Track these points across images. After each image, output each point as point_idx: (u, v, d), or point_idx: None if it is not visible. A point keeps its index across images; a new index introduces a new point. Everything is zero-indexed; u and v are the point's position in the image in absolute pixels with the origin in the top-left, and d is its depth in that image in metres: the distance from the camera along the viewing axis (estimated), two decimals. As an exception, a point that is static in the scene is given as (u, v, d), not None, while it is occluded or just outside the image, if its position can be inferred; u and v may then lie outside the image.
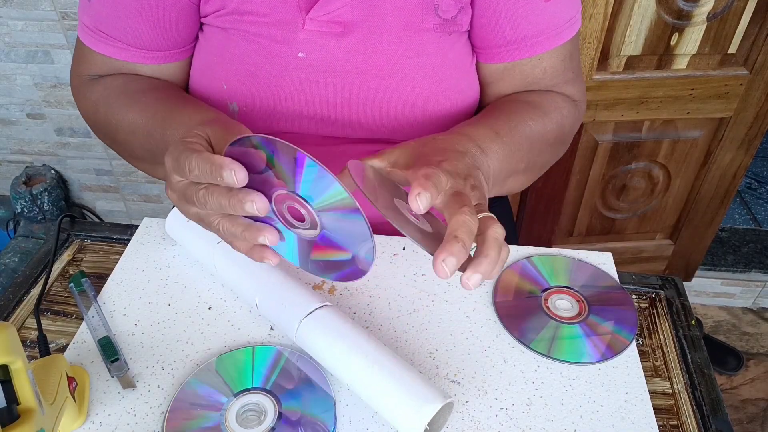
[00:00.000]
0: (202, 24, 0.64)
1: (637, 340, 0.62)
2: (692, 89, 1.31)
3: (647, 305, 0.66)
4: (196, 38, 0.66)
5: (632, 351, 0.58)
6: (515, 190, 0.66)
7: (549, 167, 0.70)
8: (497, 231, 0.44)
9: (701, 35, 1.23)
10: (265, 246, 0.46)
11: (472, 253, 0.44)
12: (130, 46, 0.63)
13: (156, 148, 0.58)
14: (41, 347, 0.57)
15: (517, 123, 0.60)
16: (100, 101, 0.65)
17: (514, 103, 0.65)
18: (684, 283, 0.69)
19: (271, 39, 0.61)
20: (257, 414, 0.51)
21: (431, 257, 0.42)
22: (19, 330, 0.62)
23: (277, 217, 0.46)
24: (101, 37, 0.63)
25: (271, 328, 0.59)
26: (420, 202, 0.42)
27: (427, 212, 0.47)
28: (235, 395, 0.53)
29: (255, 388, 0.53)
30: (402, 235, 0.45)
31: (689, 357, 0.61)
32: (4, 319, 0.62)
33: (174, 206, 0.64)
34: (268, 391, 0.53)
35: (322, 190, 0.42)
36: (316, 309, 0.53)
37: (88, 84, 0.66)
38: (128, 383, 0.54)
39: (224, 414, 0.51)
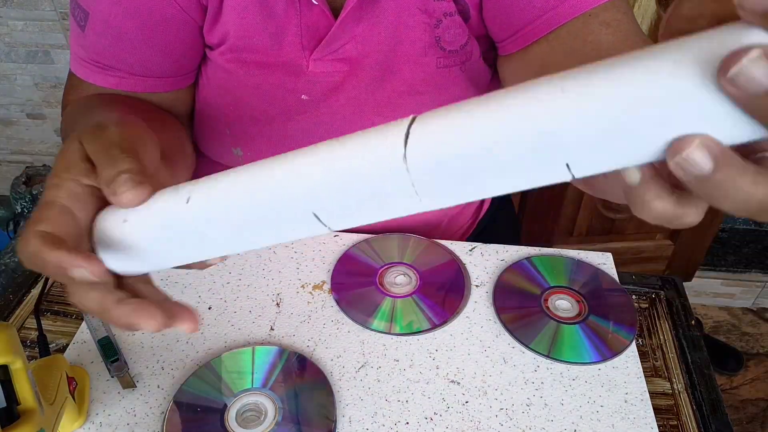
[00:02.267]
0: (206, 58, 0.61)
1: (637, 340, 0.62)
2: (692, 89, 1.31)
3: (647, 305, 0.66)
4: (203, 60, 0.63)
5: (632, 351, 0.58)
6: None
7: None
8: None
9: (701, 35, 1.23)
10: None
11: None
12: (134, 75, 0.58)
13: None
14: (41, 347, 0.57)
15: None
16: (66, 118, 0.60)
17: None
18: (684, 283, 0.69)
19: (275, 81, 0.59)
20: (257, 414, 0.51)
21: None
22: (19, 330, 0.62)
23: None
24: (99, 68, 0.58)
25: (271, 328, 0.59)
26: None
27: None
28: (235, 395, 0.53)
29: (255, 389, 0.53)
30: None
31: (689, 357, 0.61)
32: (4, 319, 0.62)
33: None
34: (269, 392, 0.53)
35: None
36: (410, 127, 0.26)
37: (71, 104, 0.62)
38: (128, 383, 0.54)
39: (224, 414, 0.51)
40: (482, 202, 0.83)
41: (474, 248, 0.69)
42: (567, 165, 0.23)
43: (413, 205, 0.27)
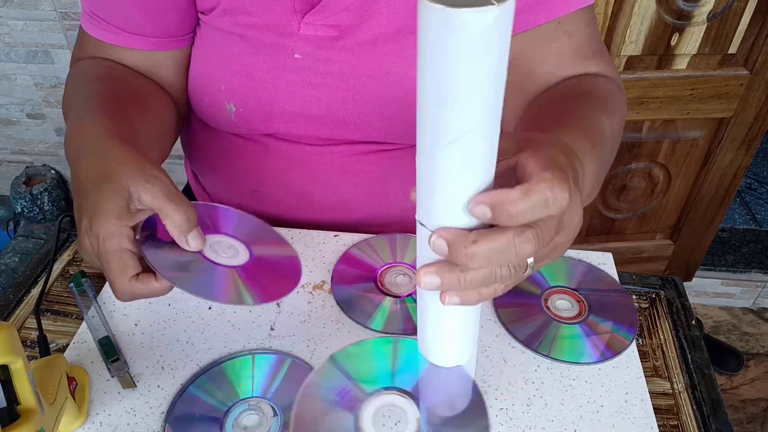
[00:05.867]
0: (200, 21, 0.65)
1: (637, 340, 0.62)
2: (692, 89, 1.31)
3: (647, 305, 0.66)
4: (194, 31, 0.66)
5: (632, 351, 0.58)
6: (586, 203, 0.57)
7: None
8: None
9: (701, 35, 1.23)
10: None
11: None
12: (121, 30, 0.63)
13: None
14: (41, 347, 0.57)
15: (598, 124, 0.51)
16: (67, 83, 0.65)
17: (577, 98, 0.57)
18: (684, 283, 0.69)
19: (267, 41, 0.62)
20: (258, 423, 0.51)
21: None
22: (19, 330, 0.62)
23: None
24: (95, 21, 0.64)
25: (272, 328, 0.59)
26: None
27: None
28: (235, 404, 0.52)
29: (255, 397, 0.53)
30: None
31: (689, 357, 0.61)
32: (4, 319, 0.62)
33: None
34: (269, 401, 0.53)
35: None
36: None
37: (72, 67, 0.67)
38: (128, 383, 0.54)
39: (223, 422, 0.51)
40: None
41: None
42: None
43: None
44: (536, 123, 0.55)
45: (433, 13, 0.26)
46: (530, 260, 0.35)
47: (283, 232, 0.69)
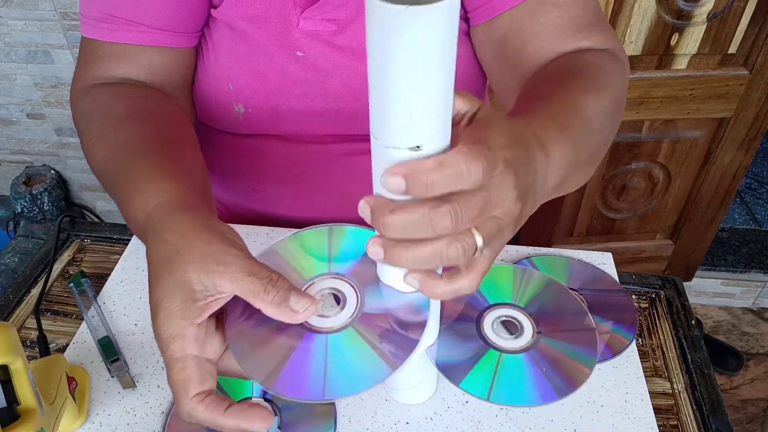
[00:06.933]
0: (211, 18, 0.64)
1: (637, 340, 0.62)
2: (692, 89, 1.31)
3: (647, 305, 0.66)
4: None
5: (632, 351, 0.58)
6: (577, 186, 0.53)
7: (608, 146, 0.57)
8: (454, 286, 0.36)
9: (701, 35, 1.23)
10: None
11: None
12: (157, 29, 0.59)
13: (118, 203, 0.50)
14: (41, 347, 0.57)
15: (574, 104, 0.49)
16: (82, 118, 0.59)
17: (557, 78, 0.54)
18: (684, 283, 0.69)
19: (269, 37, 0.62)
20: None
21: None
22: (19, 330, 0.62)
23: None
24: (118, 24, 0.58)
25: (271, 328, 0.59)
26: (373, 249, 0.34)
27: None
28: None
29: (255, 397, 0.53)
30: None
31: (689, 357, 0.61)
32: (4, 319, 0.62)
33: None
34: (268, 401, 0.53)
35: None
36: None
37: (83, 94, 0.61)
38: (128, 383, 0.54)
39: None
40: None
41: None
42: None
43: None
44: (515, 107, 0.52)
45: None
46: (479, 242, 0.33)
47: (284, 232, 0.69)
